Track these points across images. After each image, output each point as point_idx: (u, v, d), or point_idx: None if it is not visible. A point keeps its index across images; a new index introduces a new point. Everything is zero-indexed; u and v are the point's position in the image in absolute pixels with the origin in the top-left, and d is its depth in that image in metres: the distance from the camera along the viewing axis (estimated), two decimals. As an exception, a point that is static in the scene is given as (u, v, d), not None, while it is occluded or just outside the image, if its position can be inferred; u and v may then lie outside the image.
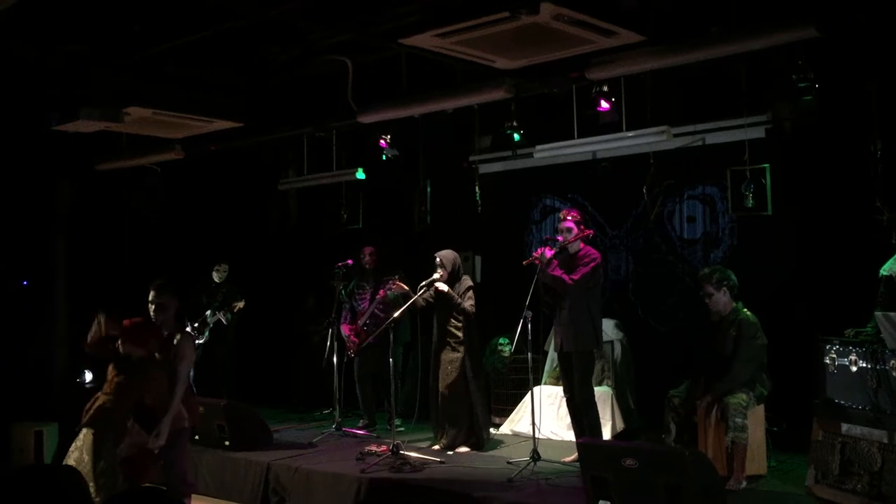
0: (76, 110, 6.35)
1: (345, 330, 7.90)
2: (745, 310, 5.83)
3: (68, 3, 5.59)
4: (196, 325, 8.50)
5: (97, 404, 5.16)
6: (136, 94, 6.50)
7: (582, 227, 6.35)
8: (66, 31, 6.07)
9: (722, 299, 5.88)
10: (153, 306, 5.25)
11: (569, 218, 6.33)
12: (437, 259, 6.90)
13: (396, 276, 7.16)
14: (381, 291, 7.61)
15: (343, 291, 7.97)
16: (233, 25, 6.02)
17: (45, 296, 9.23)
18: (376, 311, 7.86)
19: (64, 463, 5.23)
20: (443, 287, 6.75)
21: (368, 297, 8.02)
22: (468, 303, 6.82)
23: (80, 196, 9.42)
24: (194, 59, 6.77)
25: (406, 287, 6.93)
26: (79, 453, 5.12)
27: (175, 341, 5.27)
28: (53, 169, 9.09)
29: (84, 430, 5.16)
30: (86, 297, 5.83)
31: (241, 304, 8.46)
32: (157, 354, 5.19)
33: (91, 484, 4.98)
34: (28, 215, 9.05)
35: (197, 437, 7.26)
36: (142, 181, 9.03)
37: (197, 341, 8.49)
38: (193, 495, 5.62)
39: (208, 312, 8.46)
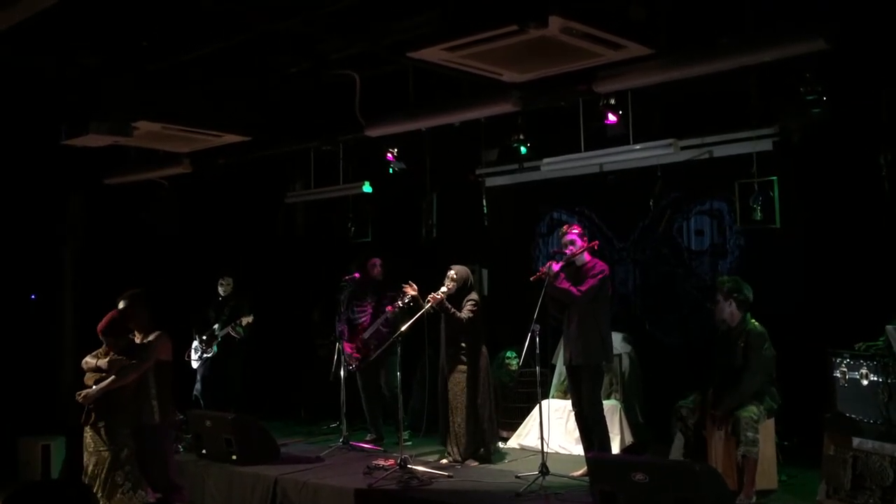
0: (86, 124, 6.38)
1: (346, 348, 7.86)
2: (754, 321, 5.80)
3: (80, 16, 5.61)
4: (204, 338, 8.48)
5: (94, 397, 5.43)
6: (146, 109, 6.51)
7: (585, 238, 6.37)
8: (77, 44, 6.10)
9: (727, 309, 5.84)
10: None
11: (572, 231, 6.36)
12: (451, 272, 6.89)
13: (399, 295, 7.11)
14: (389, 307, 7.56)
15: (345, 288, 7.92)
16: (240, 39, 6.03)
17: (53, 309, 9.25)
18: (381, 328, 7.82)
19: (85, 465, 5.39)
20: (437, 296, 6.72)
21: (370, 312, 7.97)
22: (465, 309, 6.79)
23: (90, 210, 9.44)
24: (202, 74, 6.79)
25: (416, 294, 6.89)
26: (93, 449, 5.39)
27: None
28: (64, 183, 9.11)
29: (88, 429, 5.42)
30: (93, 311, 5.84)
31: (249, 319, 8.42)
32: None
33: (119, 472, 5.34)
34: (38, 229, 9.07)
35: (204, 451, 7.26)
36: (155, 196, 9.05)
37: (205, 355, 8.49)
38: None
39: (216, 326, 8.45)
